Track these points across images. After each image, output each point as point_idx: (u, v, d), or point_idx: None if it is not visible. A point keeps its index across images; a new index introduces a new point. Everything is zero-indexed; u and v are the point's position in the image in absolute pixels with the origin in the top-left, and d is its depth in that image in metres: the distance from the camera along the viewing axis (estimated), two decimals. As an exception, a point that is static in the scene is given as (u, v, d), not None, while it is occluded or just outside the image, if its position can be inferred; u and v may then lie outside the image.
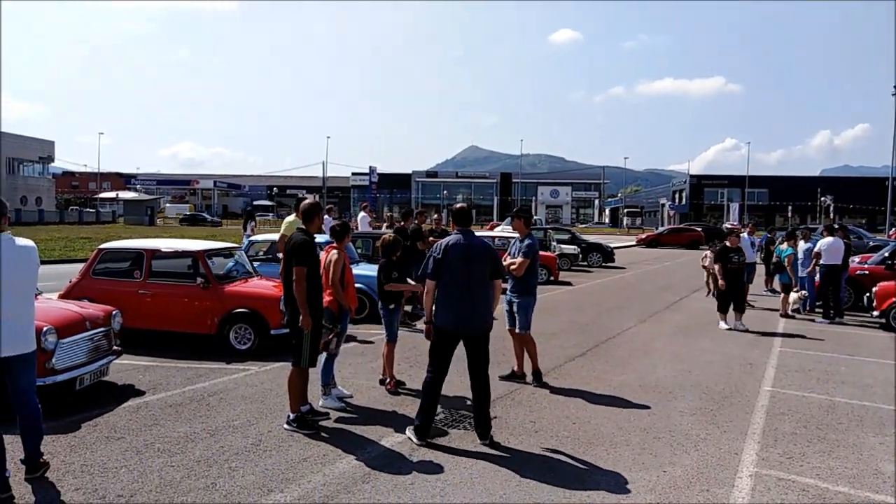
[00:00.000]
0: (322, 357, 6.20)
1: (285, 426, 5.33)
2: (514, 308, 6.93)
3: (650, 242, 40.53)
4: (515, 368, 7.10)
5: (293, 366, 5.38)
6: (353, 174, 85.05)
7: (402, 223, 10.77)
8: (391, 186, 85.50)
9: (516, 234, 7.14)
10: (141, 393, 6.26)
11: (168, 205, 70.46)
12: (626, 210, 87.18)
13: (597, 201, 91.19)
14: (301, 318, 5.19)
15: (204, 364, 7.38)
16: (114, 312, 6.45)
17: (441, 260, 5.15)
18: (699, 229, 41.52)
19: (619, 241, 42.20)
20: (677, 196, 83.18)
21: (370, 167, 78.48)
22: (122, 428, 5.24)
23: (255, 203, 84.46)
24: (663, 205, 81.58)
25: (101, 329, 6.16)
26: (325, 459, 4.73)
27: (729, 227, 16.61)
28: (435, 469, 4.62)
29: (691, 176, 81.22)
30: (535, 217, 29.60)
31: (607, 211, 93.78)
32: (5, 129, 57.04)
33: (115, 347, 6.41)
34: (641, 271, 22.99)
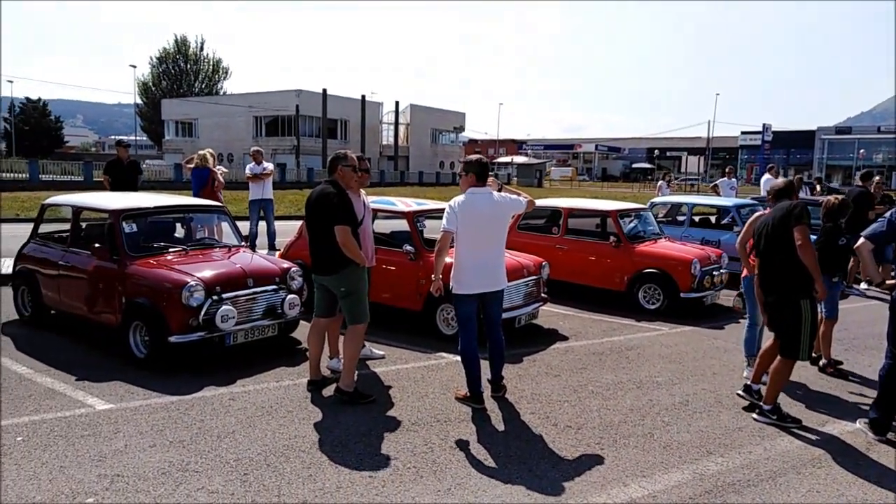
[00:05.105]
0: (744, 326, 5.88)
1: (754, 416, 4.73)
2: None
3: None
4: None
5: (781, 356, 4.65)
6: (742, 133, 77.55)
7: (862, 184, 9.55)
8: (788, 146, 75.31)
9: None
10: (565, 338, 6.86)
11: (553, 168, 75.21)
12: None
13: None
14: (817, 288, 4.57)
15: (615, 319, 7.70)
16: (543, 263, 7.17)
17: None
18: None
19: None
20: None
21: (763, 124, 70.43)
22: (556, 367, 5.83)
23: (634, 166, 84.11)
24: None
25: (534, 277, 6.91)
26: (761, 433, 4.48)
27: None
28: (904, 471, 3.97)
29: None
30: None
31: None
32: (430, 104, 68.01)
33: (542, 295, 7.14)
34: None
